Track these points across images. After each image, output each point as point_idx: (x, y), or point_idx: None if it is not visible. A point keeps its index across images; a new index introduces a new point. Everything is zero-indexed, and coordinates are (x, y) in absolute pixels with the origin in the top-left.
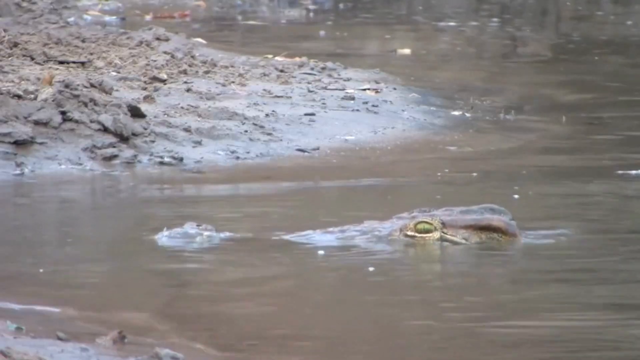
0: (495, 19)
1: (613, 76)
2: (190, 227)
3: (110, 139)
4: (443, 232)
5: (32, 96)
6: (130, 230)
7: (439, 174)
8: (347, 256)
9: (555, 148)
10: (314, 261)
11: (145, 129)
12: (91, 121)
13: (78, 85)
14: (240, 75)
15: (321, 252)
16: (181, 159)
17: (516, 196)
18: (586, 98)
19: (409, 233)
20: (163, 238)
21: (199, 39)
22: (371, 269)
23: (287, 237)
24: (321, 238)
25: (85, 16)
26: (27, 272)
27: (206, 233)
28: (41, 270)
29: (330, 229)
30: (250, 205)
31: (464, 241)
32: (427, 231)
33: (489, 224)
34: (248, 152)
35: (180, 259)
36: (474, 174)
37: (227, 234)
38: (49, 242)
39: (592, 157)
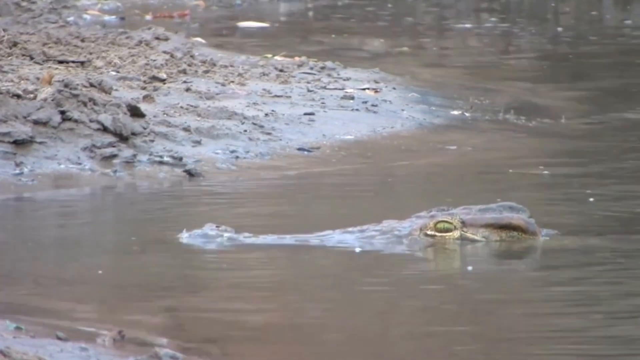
0: (494, 18)
1: (612, 75)
2: (209, 229)
3: (110, 138)
4: (463, 231)
5: (32, 96)
6: (147, 231)
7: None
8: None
9: (556, 146)
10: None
11: (145, 128)
12: (90, 121)
13: (77, 84)
14: (239, 74)
15: (358, 249)
16: (180, 159)
17: (591, 199)
18: (586, 97)
19: (429, 232)
20: (183, 239)
21: (199, 39)
22: (470, 268)
23: (308, 237)
24: (341, 238)
25: (84, 16)
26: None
27: (226, 234)
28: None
29: (350, 229)
30: (261, 204)
31: (484, 240)
32: (447, 230)
33: (509, 223)
34: (247, 152)
35: (200, 259)
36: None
37: (247, 234)
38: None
39: (593, 156)
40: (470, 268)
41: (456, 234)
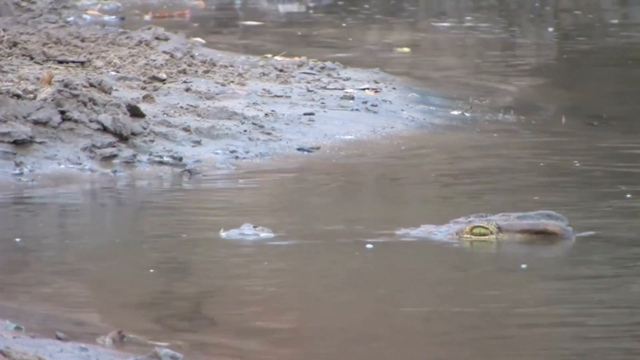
0: (493, 19)
1: (611, 74)
2: (247, 229)
3: (110, 138)
4: (499, 237)
5: (32, 96)
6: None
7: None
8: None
9: (556, 147)
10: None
11: (145, 128)
12: (90, 121)
13: (77, 84)
14: (239, 74)
15: (369, 246)
16: (180, 159)
17: (629, 195)
18: (585, 97)
19: (465, 237)
20: (221, 239)
21: (198, 39)
22: (523, 266)
23: (352, 239)
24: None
25: (84, 16)
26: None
27: (263, 234)
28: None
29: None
30: (262, 204)
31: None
32: (483, 235)
33: (545, 229)
34: (247, 152)
35: (231, 259)
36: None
37: (283, 234)
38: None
39: (594, 155)
40: (523, 266)
41: (492, 238)
